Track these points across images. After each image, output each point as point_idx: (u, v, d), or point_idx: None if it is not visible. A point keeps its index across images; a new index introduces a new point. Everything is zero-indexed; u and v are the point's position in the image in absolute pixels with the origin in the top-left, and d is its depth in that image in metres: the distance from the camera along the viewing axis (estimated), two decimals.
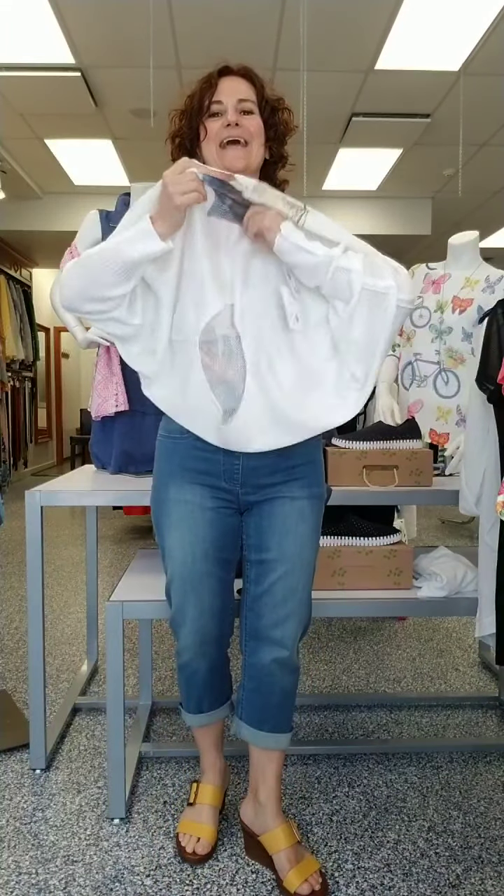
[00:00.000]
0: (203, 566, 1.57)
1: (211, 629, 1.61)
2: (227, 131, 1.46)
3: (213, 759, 1.81)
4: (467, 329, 2.51)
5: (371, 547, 1.99)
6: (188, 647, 1.63)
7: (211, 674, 1.68)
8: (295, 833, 1.64)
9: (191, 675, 1.68)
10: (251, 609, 1.61)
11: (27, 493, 1.97)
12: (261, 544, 1.59)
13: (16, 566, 4.55)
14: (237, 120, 1.47)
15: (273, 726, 1.64)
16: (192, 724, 1.77)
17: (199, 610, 1.59)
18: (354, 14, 4.16)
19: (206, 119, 1.50)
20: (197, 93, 1.51)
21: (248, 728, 1.66)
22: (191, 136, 1.52)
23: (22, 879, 1.59)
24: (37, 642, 1.99)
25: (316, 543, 1.62)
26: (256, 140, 1.49)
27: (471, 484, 1.86)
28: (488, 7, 4.05)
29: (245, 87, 1.51)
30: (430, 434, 2.57)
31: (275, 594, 1.57)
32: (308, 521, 1.58)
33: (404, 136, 5.88)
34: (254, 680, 1.63)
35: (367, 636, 3.23)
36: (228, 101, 1.49)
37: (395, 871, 1.63)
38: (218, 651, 1.66)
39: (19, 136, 5.97)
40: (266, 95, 1.53)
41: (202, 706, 1.73)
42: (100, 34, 4.41)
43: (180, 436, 1.56)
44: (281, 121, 1.55)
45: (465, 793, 1.95)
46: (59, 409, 11.29)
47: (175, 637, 1.66)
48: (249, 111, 1.50)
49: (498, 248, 8.83)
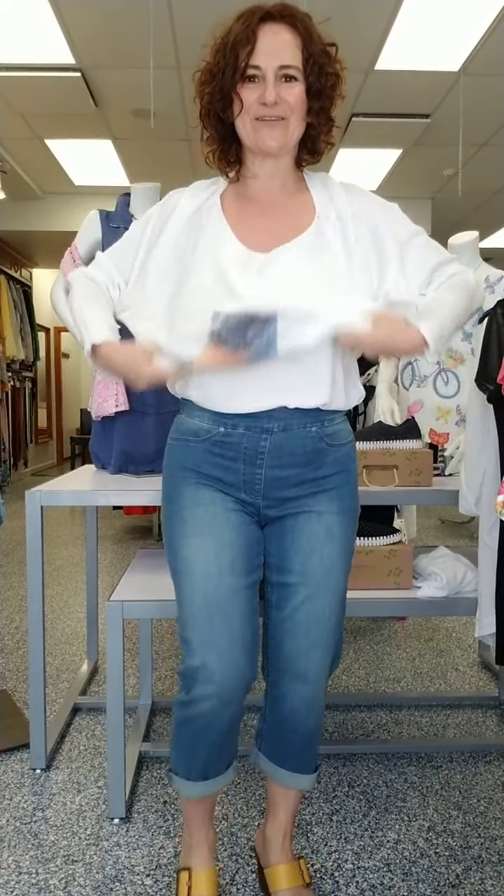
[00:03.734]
0: (231, 581, 1.30)
1: (244, 669, 1.31)
2: (264, 110, 1.25)
3: (207, 833, 1.47)
4: (467, 329, 2.51)
5: (371, 547, 1.99)
6: (210, 695, 1.29)
7: (231, 729, 1.37)
8: (302, 874, 1.48)
9: (202, 732, 1.34)
10: (272, 637, 1.40)
11: (27, 493, 1.97)
12: (282, 565, 1.38)
13: (16, 566, 4.55)
14: (276, 97, 1.24)
15: (295, 766, 1.46)
16: (192, 796, 1.42)
17: (230, 641, 1.29)
18: (354, 14, 4.16)
19: (240, 85, 1.26)
20: (230, 47, 1.25)
21: (266, 761, 1.48)
22: (223, 103, 1.29)
23: (22, 879, 1.60)
24: (37, 642, 2.00)
25: (347, 565, 1.41)
26: (297, 114, 1.28)
27: (470, 484, 1.86)
28: (488, 7, 4.05)
29: (290, 41, 1.25)
30: (429, 434, 2.57)
31: (297, 621, 1.36)
32: (337, 539, 1.38)
33: (404, 136, 5.89)
34: (275, 714, 1.44)
35: (367, 636, 3.23)
36: (268, 66, 1.24)
37: (395, 871, 1.63)
38: (242, 698, 1.34)
39: (19, 136, 5.97)
40: (312, 52, 1.27)
41: (208, 772, 1.39)
42: (100, 34, 4.41)
43: (195, 438, 1.37)
44: (327, 86, 1.30)
45: (465, 792, 1.95)
46: (59, 409, 11.28)
47: (189, 683, 1.31)
48: (292, 77, 1.26)
49: (498, 248, 8.83)
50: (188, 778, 1.40)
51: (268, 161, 1.34)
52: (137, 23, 4.24)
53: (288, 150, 1.33)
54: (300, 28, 1.27)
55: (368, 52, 4.59)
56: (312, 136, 1.35)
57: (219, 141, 1.35)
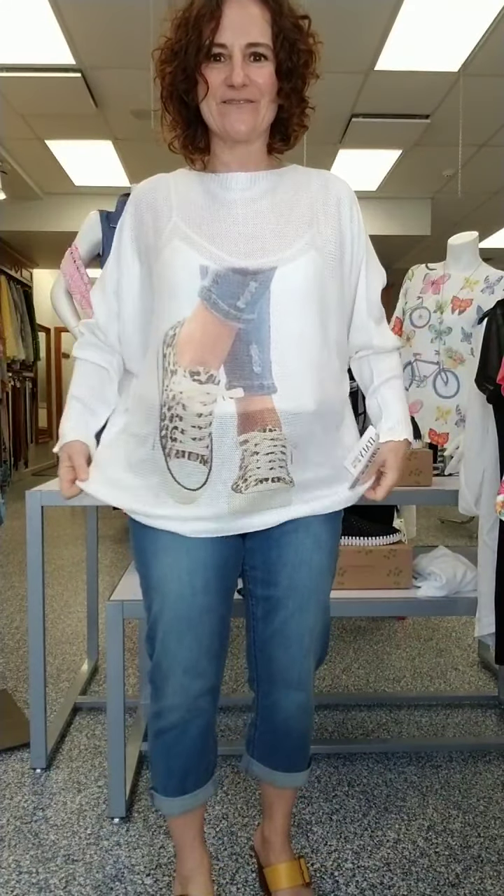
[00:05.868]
0: (204, 600, 1.27)
1: (210, 676, 1.32)
2: (231, 92, 1.17)
3: (200, 857, 1.43)
4: (467, 329, 2.51)
5: (371, 547, 2.00)
6: (177, 706, 1.30)
7: (203, 737, 1.35)
8: (302, 873, 1.48)
9: (175, 742, 1.34)
10: (262, 650, 1.36)
11: (27, 493, 1.98)
12: (269, 578, 1.32)
13: (16, 566, 4.55)
14: (244, 79, 1.15)
15: (288, 766, 1.44)
16: (173, 813, 1.39)
17: (197, 653, 1.29)
18: (354, 14, 4.16)
19: (204, 65, 1.17)
20: (193, 23, 1.15)
21: (260, 766, 1.45)
22: (186, 85, 1.20)
23: (22, 879, 1.60)
24: (37, 642, 2.00)
25: (333, 570, 1.38)
26: (267, 96, 1.20)
27: (470, 484, 1.87)
28: (488, 7, 4.05)
29: (258, 14, 1.15)
30: (429, 434, 2.58)
31: (287, 635, 1.33)
32: (325, 547, 1.33)
33: (404, 136, 5.89)
34: (268, 722, 1.42)
35: (366, 636, 3.23)
36: (235, 43, 1.14)
37: (395, 870, 1.63)
38: (213, 705, 1.35)
39: (20, 137, 5.97)
40: (283, 26, 1.17)
41: (186, 785, 1.37)
42: (100, 34, 4.41)
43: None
44: (299, 65, 1.20)
45: (465, 792, 1.96)
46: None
47: (155, 695, 1.33)
48: (261, 56, 1.16)
49: (498, 248, 8.83)
50: (166, 793, 1.38)
51: (238, 147, 1.25)
52: (137, 23, 4.24)
53: (258, 134, 1.24)
54: (269, 1, 1.17)
55: (368, 52, 4.59)
56: (284, 119, 1.27)
57: (183, 125, 1.27)
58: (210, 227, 1.23)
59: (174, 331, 1.22)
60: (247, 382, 1.19)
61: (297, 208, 1.26)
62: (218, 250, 1.20)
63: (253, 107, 1.19)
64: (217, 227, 1.23)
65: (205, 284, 1.19)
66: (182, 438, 1.22)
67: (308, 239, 1.24)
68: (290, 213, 1.25)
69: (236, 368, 1.19)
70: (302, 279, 1.21)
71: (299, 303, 1.22)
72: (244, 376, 1.19)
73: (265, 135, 1.28)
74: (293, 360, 1.22)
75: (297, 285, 1.21)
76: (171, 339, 1.22)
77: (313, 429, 1.25)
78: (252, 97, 1.18)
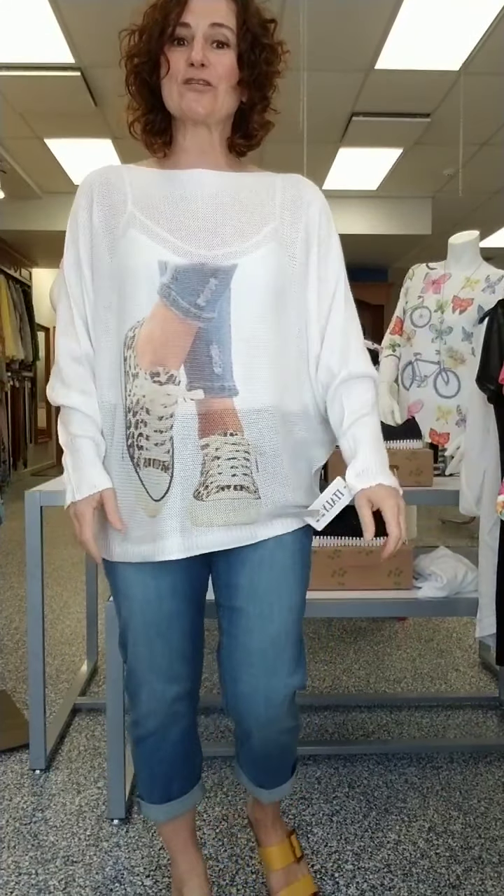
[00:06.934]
0: (171, 605, 1.24)
1: (184, 680, 1.28)
2: (191, 71, 1.16)
3: (194, 860, 1.42)
4: (467, 329, 2.51)
5: (371, 547, 1.99)
6: (153, 712, 1.27)
7: (182, 741, 1.33)
8: (293, 850, 1.49)
9: (155, 749, 1.31)
10: (228, 672, 1.27)
11: (27, 493, 1.97)
12: (229, 582, 1.26)
13: (16, 566, 4.55)
14: (203, 58, 1.15)
15: (273, 783, 1.41)
16: (160, 819, 1.38)
17: (170, 659, 1.26)
18: (354, 14, 4.15)
19: (167, 47, 1.17)
20: (160, 5, 1.17)
21: (247, 781, 1.42)
22: (149, 62, 1.20)
23: (22, 880, 1.59)
24: (37, 642, 1.99)
25: (300, 573, 1.28)
26: (226, 82, 1.18)
27: (471, 484, 1.86)
28: (488, 7, 4.05)
29: (224, 5, 1.17)
30: (430, 434, 2.57)
31: (250, 649, 1.24)
32: (287, 547, 1.25)
33: (404, 135, 5.88)
34: (245, 745, 1.35)
35: (367, 636, 3.22)
36: (198, 24, 1.15)
37: (396, 872, 1.62)
38: (190, 709, 1.32)
39: (19, 136, 5.96)
40: (248, 20, 1.18)
41: (171, 791, 1.35)
42: (100, 34, 4.40)
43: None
44: (261, 60, 1.20)
45: (466, 793, 1.95)
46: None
47: (131, 703, 1.31)
48: (224, 42, 1.17)
49: (498, 248, 8.83)
50: (152, 800, 1.36)
51: (198, 132, 1.23)
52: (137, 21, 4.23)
53: (217, 119, 1.22)
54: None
55: (368, 51, 4.59)
56: (245, 113, 1.25)
57: (145, 108, 1.25)
58: (169, 219, 1.20)
59: (133, 332, 1.19)
60: (207, 384, 1.17)
61: (261, 207, 1.23)
62: (176, 240, 1.17)
63: (212, 91, 1.18)
64: (176, 219, 1.20)
65: (164, 281, 1.16)
66: (147, 445, 1.19)
67: (269, 232, 1.21)
68: (252, 211, 1.23)
69: (196, 369, 1.17)
70: (262, 273, 1.19)
71: (260, 302, 1.19)
72: (204, 377, 1.17)
73: (224, 126, 1.26)
74: (254, 361, 1.19)
75: (258, 282, 1.18)
76: (131, 342, 1.20)
77: (276, 434, 1.21)
78: (210, 79, 1.17)
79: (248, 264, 1.18)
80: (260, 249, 1.19)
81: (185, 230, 1.19)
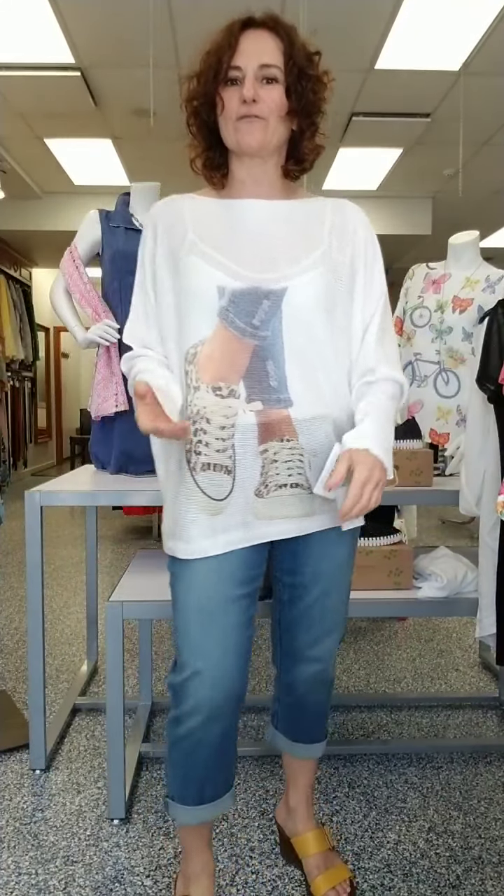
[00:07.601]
0: (229, 590, 1.30)
1: (235, 679, 1.31)
2: (244, 108, 1.27)
3: (207, 860, 1.46)
4: (468, 329, 2.51)
5: (371, 547, 1.99)
6: (200, 707, 1.29)
7: (222, 745, 1.35)
8: (327, 839, 1.60)
9: (194, 749, 1.33)
10: (287, 631, 1.46)
11: (27, 493, 1.97)
12: (295, 568, 1.41)
13: (16, 566, 4.55)
14: (254, 94, 1.26)
15: (309, 738, 1.56)
16: (189, 823, 1.39)
17: (223, 649, 1.29)
18: (354, 14, 4.15)
19: (222, 88, 1.29)
20: (214, 51, 1.29)
21: (284, 739, 1.58)
22: (207, 104, 1.32)
23: (22, 880, 1.59)
24: (36, 642, 1.99)
25: (352, 563, 1.47)
26: (276, 114, 1.28)
27: (471, 484, 1.86)
28: (488, 7, 4.04)
29: (271, 44, 1.28)
30: (430, 434, 2.57)
31: (312, 617, 1.42)
32: (346, 542, 1.41)
33: (404, 135, 5.88)
34: (290, 696, 1.52)
35: (367, 636, 3.22)
36: (248, 66, 1.27)
37: (396, 872, 1.62)
38: (235, 711, 1.36)
39: (19, 136, 5.96)
40: (294, 55, 1.29)
41: (204, 794, 1.37)
42: (100, 34, 4.40)
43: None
44: (307, 90, 1.30)
45: (466, 793, 1.95)
46: (58, 409, 11.28)
47: (176, 699, 1.32)
48: (272, 78, 1.27)
49: (498, 248, 8.82)
50: (184, 802, 1.37)
51: (253, 164, 1.34)
52: (137, 22, 4.23)
53: (270, 151, 1.32)
54: (282, 33, 1.30)
55: (368, 51, 4.59)
56: (296, 141, 1.35)
57: (204, 146, 1.37)
58: (225, 245, 1.31)
59: (195, 349, 1.31)
60: (265, 396, 1.28)
61: (310, 233, 1.34)
62: (232, 265, 1.28)
63: (263, 123, 1.28)
64: (232, 245, 1.31)
65: (223, 304, 1.27)
66: (206, 451, 1.30)
67: (317, 256, 1.31)
68: (302, 237, 1.33)
69: (254, 383, 1.28)
70: (311, 295, 1.29)
71: (309, 321, 1.29)
72: (262, 390, 1.28)
73: (278, 155, 1.35)
74: (307, 374, 1.30)
75: (307, 302, 1.28)
76: (193, 357, 1.31)
77: (328, 437, 1.32)
78: (261, 114, 1.27)
79: (297, 287, 1.28)
80: (309, 273, 1.29)
81: (241, 256, 1.30)
